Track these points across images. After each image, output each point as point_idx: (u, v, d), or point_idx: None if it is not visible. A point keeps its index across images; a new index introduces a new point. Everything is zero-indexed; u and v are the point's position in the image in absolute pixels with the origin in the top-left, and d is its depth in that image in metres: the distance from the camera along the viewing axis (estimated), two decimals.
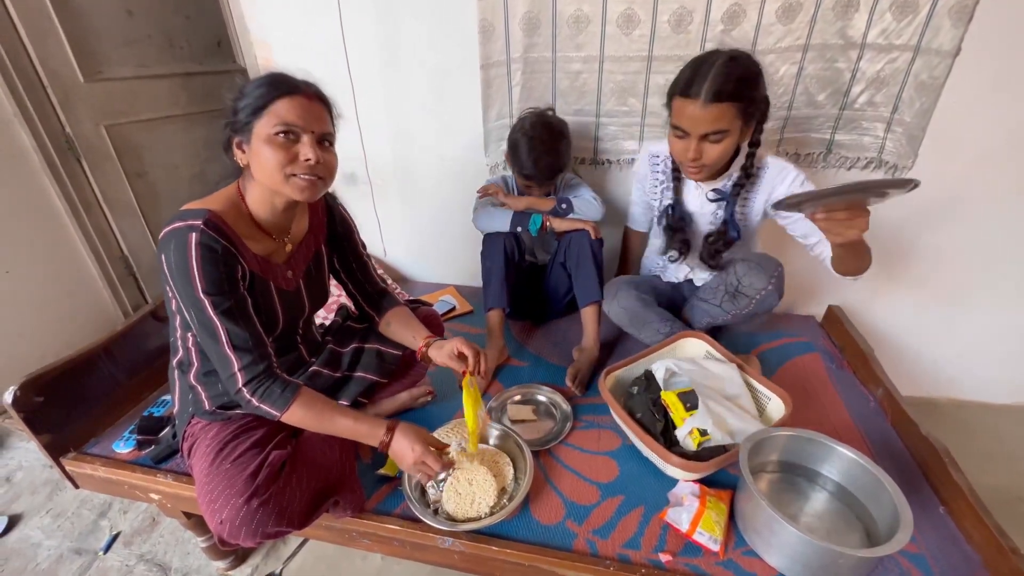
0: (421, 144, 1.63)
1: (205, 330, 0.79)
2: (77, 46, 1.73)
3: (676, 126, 1.03)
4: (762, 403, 1.11)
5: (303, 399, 0.84)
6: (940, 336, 1.62)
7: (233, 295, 0.79)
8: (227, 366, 0.80)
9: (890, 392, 1.18)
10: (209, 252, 0.76)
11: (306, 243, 0.97)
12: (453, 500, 0.95)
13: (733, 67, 0.97)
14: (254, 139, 0.78)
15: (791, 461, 1.00)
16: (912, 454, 1.07)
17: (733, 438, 0.97)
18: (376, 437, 0.88)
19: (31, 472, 1.51)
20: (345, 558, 1.24)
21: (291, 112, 0.77)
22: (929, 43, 1.21)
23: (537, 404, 1.26)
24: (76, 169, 1.81)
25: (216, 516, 0.80)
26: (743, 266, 1.15)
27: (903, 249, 1.50)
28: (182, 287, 0.77)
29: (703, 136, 1.01)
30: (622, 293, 1.29)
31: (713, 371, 1.11)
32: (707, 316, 1.26)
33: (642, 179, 1.32)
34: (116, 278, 1.99)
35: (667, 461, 0.95)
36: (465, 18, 1.37)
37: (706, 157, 1.03)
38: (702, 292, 1.29)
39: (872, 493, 0.88)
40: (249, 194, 0.85)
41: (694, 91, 0.97)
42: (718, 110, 0.97)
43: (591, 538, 0.91)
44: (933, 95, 1.25)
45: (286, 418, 0.84)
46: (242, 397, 0.82)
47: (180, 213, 0.79)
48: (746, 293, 1.14)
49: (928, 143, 1.32)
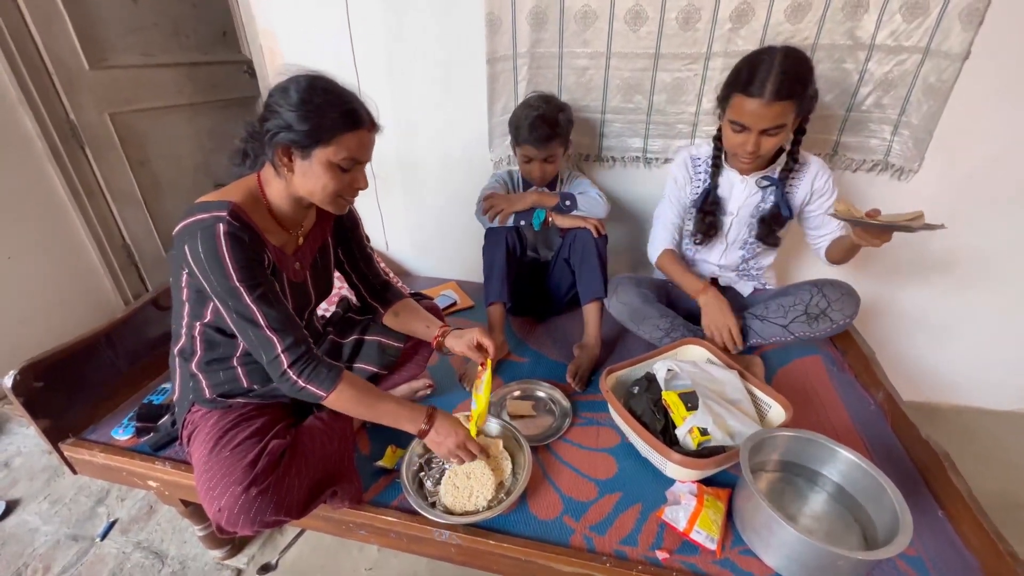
0: (425, 137, 1.63)
1: (243, 317, 0.79)
2: (82, 33, 1.73)
3: (735, 121, 1.10)
4: (763, 410, 1.10)
5: (347, 382, 0.85)
6: (942, 341, 1.62)
7: (265, 281, 0.81)
8: (270, 349, 0.81)
9: (891, 395, 1.18)
10: (238, 242, 0.76)
11: (313, 235, 0.97)
12: (451, 493, 0.95)
13: (793, 65, 1.03)
14: (313, 160, 0.79)
15: (791, 461, 0.99)
16: (912, 458, 1.07)
17: (733, 439, 0.96)
18: (417, 422, 0.91)
19: (30, 458, 1.51)
20: (341, 549, 1.24)
21: (359, 148, 0.81)
22: (939, 45, 1.20)
23: (537, 400, 1.26)
24: (79, 157, 1.81)
25: (215, 504, 0.80)
26: (834, 290, 1.17)
27: (906, 254, 1.50)
28: (216, 277, 0.76)
29: (763, 131, 1.07)
30: (623, 288, 1.32)
31: (715, 375, 1.11)
32: (759, 336, 1.25)
33: (682, 185, 1.31)
34: (118, 266, 1.99)
35: (667, 458, 0.95)
36: (472, 11, 1.36)
37: (762, 149, 1.11)
38: (761, 309, 1.27)
39: (872, 495, 0.88)
40: (270, 188, 0.85)
41: (757, 89, 1.03)
42: (780, 107, 1.04)
43: (588, 534, 0.91)
44: (941, 98, 1.25)
45: (330, 400, 0.84)
46: (287, 378, 0.82)
47: (201, 205, 0.78)
48: (832, 317, 1.17)
49: (935, 146, 1.31)
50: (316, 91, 0.77)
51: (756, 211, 1.28)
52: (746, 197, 1.26)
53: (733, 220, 1.29)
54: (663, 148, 1.48)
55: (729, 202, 1.28)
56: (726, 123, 1.14)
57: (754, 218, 1.28)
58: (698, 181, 1.30)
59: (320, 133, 0.77)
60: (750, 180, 1.24)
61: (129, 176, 1.97)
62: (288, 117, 0.76)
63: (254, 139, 0.84)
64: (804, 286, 1.23)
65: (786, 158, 1.21)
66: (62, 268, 1.82)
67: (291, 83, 0.78)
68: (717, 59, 1.32)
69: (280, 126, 0.77)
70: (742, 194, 1.26)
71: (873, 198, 1.44)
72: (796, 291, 1.23)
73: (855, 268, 1.56)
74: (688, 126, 1.43)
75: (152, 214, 2.08)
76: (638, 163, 1.53)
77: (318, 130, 0.77)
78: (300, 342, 0.83)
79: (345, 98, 0.79)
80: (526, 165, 1.37)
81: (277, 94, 0.78)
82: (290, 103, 0.76)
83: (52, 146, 1.71)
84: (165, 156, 2.10)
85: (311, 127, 0.76)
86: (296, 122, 0.76)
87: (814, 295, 1.20)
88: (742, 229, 1.31)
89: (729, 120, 1.12)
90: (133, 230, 2.02)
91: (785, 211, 1.23)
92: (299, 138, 0.77)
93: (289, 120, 0.76)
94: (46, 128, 1.69)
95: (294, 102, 0.76)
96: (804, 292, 1.21)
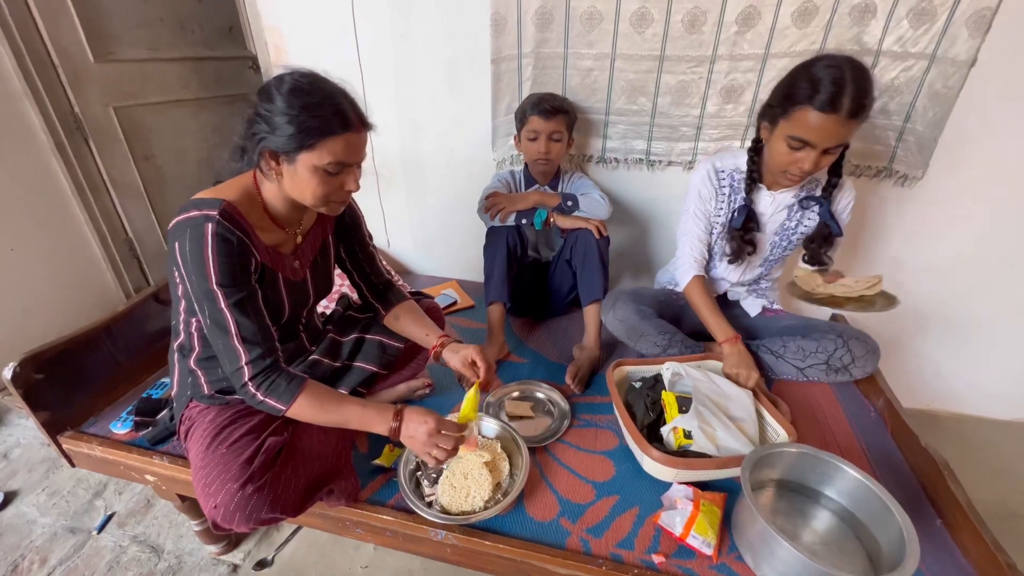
0: (429, 136, 1.63)
1: (215, 322, 0.78)
2: (89, 26, 1.74)
3: (797, 137, 1.00)
4: (768, 436, 1.05)
5: (308, 392, 0.83)
6: (943, 349, 1.61)
7: (245, 287, 0.79)
8: (235, 359, 0.80)
9: (891, 403, 1.17)
10: (225, 244, 0.75)
11: (314, 234, 0.97)
12: (448, 493, 0.95)
13: (865, 79, 0.95)
14: (298, 164, 0.77)
15: (793, 479, 0.97)
16: (911, 466, 1.06)
17: (718, 451, 0.95)
18: (385, 422, 0.86)
19: (28, 449, 1.51)
20: (337, 547, 1.24)
21: (345, 150, 0.77)
22: (945, 52, 1.20)
23: (535, 401, 1.25)
24: (84, 150, 1.81)
25: (211, 500, 0.80)
26: (860, 346, 1.10)
27: (908, 260, 1.49)
28: (196, 277, 0.76)
29: (826, 149, 0.99)
30: (619, 304, 1.27)
31: (724, 389, 1.08)
32: (771, 371, 1.21)
33: (707, 199, 1.23)
34: (120, 260, 1.99)
35: (645, 452, 0.95)
36: (477, 10, 1.36)
37: (820, 167, 1.03)
38: (778, 346, 1.22)
39: (877, 516, 0.85)
40: (266, 188, 0.85)
41: (831, 104, 0.94)
42: (853, 124, 0.96)
43: (584, 536, 0.91)
44: (947, 105, 1.24)
45: (291, 412, 0.83)
46: (247, 391, 0.81)
47: (194, 202, 0.78)
48: (853, 373, 1.11)
49: (940, 153, 1.31)
50: (298, 94, 0.74)
51: (781, 229, 1.22)
52: (772, 213, 1.21)
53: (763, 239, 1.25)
54: (666, 150, 1.48)
55: (762, 219, 1.21)
56: (781, 138, 1.03)
57: (778, 236, 1.23)
58: (722, 195, 1.22)
59: (303, 138, 0.74)
60: (778, 196, 1.19)
61: (133, 170, 1.97)
62: (271, 122, 0.74)
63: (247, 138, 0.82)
64: (829, 335, 1.14)
65: (827, 175, 1.15)
66: (65, 261, 1.82)
67: (273, 86, 0.75)
68: (722, 62, 1.31)
69: (264, 131, 0.75)
70: (769, 210, 1.21)
71: (877, 205, 1.44)
72: (820, 338, 1.14)
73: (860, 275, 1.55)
74: (692, 129, 1.43)
75: (155, 208, 2.08)
76: (641, 165, 1.52)
77: (301, 135, 0.74)
78: (266, 355, 0.81)
79: (331, 99, 0.76)
80: (531, 143, 1.35)
81: (261, 97, 0.76)
82: (272, 108, 0.74)
83: (56, 139, 1.71)
84: (169, 150, 2.10)
85: (293, 132, 0.74)
86: (278, 127, 0.74)
87: (839, 348, 1.12)
88: (764, 247, 1.26)
89: (788, 135, 1.01)
90: (136, 224, 2.02)
91: (836, 229, 1.16)
92: (281, 144, 0.75)
93: (272, 125, 0.74)
94: (51, 121, 1.69)
95: (276, 107, 0.74)
96: (828, 342, 1.13)
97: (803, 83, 0.98)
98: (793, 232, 1.21)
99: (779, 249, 1.25)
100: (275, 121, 0.74)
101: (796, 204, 1.18)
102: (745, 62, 1.29)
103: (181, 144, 2.15)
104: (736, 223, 1.19)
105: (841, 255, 1.52)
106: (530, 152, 1.37)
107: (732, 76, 1.32)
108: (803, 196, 1.17)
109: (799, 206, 1.18)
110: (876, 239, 1.49)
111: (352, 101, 0.79)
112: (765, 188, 1.18)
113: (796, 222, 1.20)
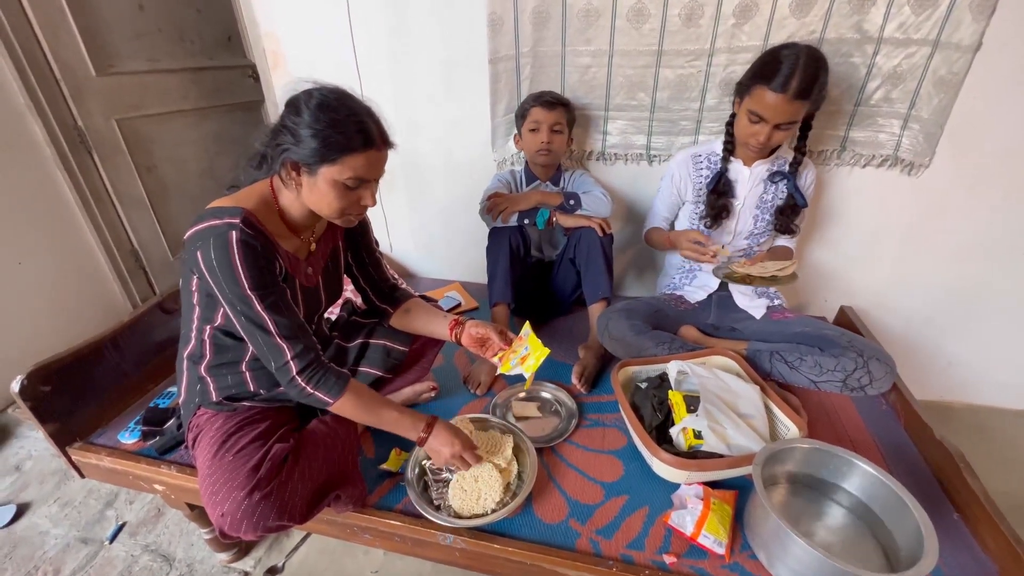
0: (428, 137, 1.62)
1: (253, 324, 0.79)
2: (89, 39, 1.75)
3: (753, 111, 1.13)
4: (779, 431, 1.04)
5: (354, 388, 0.86)
6: (955, 338, 1.58)
7: (276, 288, 0.81)
8: (279, 355, 0.81)
9: (903, 395, 1.16)
10: (250, 249, 0.76)
11: (325, 240, 0.98)
12: (459, 497, 0.94)
13: (815, 65, 1.07)
14: (319, 177, 0.79)
15: (806, 473, 0.95)
16: (925, 459, 1.05)
17: (730, 450, 0.94)
18: (416, 430, 0.91)
19: (40, 461, 1.52)
20: (347, 552, 1.24)
21: (366, 167, 0.80)
22: (949, 37, 1.18)
23: (542, 401, 1.25)
24: (87, 162, 1.82)
25: (217, 509, 0.80)
26: (880, 367, 1.08)
27: (917, 247, 1.47)
28: (228, 284, 0.77)
29: (777, 125, 1.12)
30: (612, 323, 1.25)
31: (731, 386, 1.07)
32: (783, 377, 1.17)
33: (678, 182, 1.35)
34: (126, 270, 2.00)
35: (654, 455, 0.93)
36: (474, 11, 1.35)
37: (772, 141, 1.16)
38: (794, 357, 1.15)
39: (893, 511, 0.84)
40: (284, 196, 0.86)
41: (782, 86, 1.06)
42: (799, 105, 1.09)
43: (594, 538, 0.90)
44: (952, 91, 1.22)
45: (337, 406, 0.85)
46: (295, 385, 0.82)
47: (213, 210, 0.78)
48: (868, 392, 1.10)
49: (946, 140, 1.28)
50: (325, 109, 0.76)
51: (761, 202, 1.30)
52: (751, 187, 1.29)
53: (741, 208, 1.30)
54: (667, 145, 1.46)
55: (737, 188, 1.29)
56: (743, 112, 1.16)
57: (759, 209, 1.30)
58: (699, 177, 1.31)
59: (326, 153, 0.76)
60: (755, 170, 1.27)
61: (136, 181, 1.98)
62: (296, 134, 0.76)
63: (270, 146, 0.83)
64: (849, 352, 1.10)
65: (794, 152, 1.26)
66: (71, 272, 1.84)
67: (302, 99, 0.77)
68: (721, 55, 1.30)
69: (289, 142, 0.77)
70: (747, 183, 1.28)
71: (883, 194, 1.42)
72: (839, 355, 1.10)
73: (867, 267, 1.54)
74: (692, 123, 1.41)
75: (159, 218, 2.10)
76: (642, 160, 1.51)
77: (324, 149, 0.76)
78: (309, 349, 0.83)
79: (356, 117, 0.78)
80: (533, 134, 1.34)
81: (288, 109, 0.79)
82: (299, 120, 0.76)
83: (60, 152, 1.73)
84: (171, 160, 2.12)
85: (317, 146, 0.76)
86: (303, 140, 0.76)
87: (858, 368, 1.09)
88: (748, 219, 1.31)
89: (748, 110, 1.14)
90: (141, 234, 2.04)
91: (800, 200, 1.26)
92: (305, 156, 0.77)
93: (297, 137, 0.76)
94: (54, 134, 1.70)
95: (302, 120, 0.76)
96: (848, 360, 1.09)
97: (764, 65, 1.11)
98: (771, 205, 1.30)
99: (762, 222, 1.31)
100: (300, 134, 0.76)
101: (768, 179, 1.28)
102: (744, 54, 1.28)
103: (182, 154, 2.16)
104: (709, 185, 1.29)
105: (849, 248, 1.52)
106: (532, 144, 1.36)
107: (731, 69, 1.31)
108: (774, 171, 1.27)
109: (769, 180, 1.28)
110: (883, 229, 1.47)
111: (377, 120, 0.81)
112: (741, 162, 1.28)
113: (772, 195, 1.29)
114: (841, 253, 1.54)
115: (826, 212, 1.49)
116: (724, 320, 1.35)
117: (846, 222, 1.48)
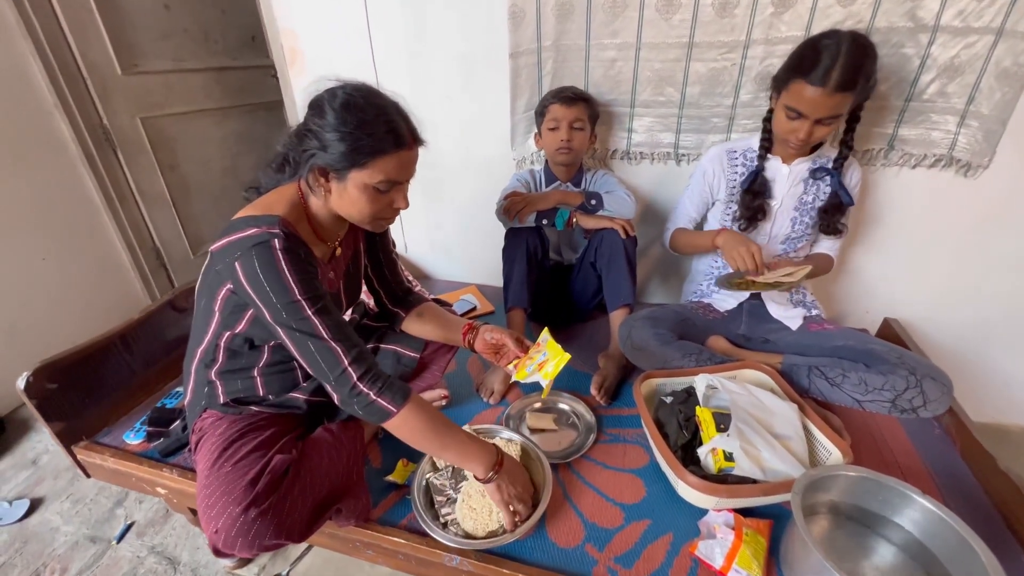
0: (446, 135, 1.58)
1: (303, 332, 0.75)
2: (116, 39, 1.77)
3: (791, 107, 1.05)
4: (819, 456, 0.94)
5: (418, 399, 0.81)
6: (1012, 356, 1.45)
7: (323, 293, 0.78)
8: (335, 362, 0.76)
9: (959, 418, 1.05)
10: (295, 256, 0.74)
11: (346, 243, 0.95)
12: (469, 517, 0.88)
13: (860, 54, 0.97)
14: (349, 182, 0.75)
15: (853, 504, 0.86)
16: (987, 491, 0.94)
17: (764, 474, 0.85)
18: (484, 465, 0.85)
19: (56, 456, 1.53)
20: (353, 563, 1.19)
21: (397, 169, 0.76)
22: (1015, 25, 1.07)
23: (559, 413, 1.18)
24: (112, 160, 1.84)
25: (212, 524, 0.75)
26: (935, 387, 0.97)
27: (973, 256, 1.35)
28: (276, 294, 0.73)
29: (818, 120, 1.03)
30: (635, 331, 1.17)
31: (766, 403, 0.98)
32: (821, 394, 1.08)
33: (711, 178, 1.26)
34: (147, 268, 2.02)
35: (680, 478, 0.85)
36: (494, 4, 1.31)
37: (814, 138, 1.07)
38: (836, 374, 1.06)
39: (953, 551, 0.74)
40: (312, 202, 0.82)
41: (819, 78, 0.98)
42: (840, 98, 0.99)
43: (612, 566, 0.83)
44: (1017, 85, 1.11)
45: (399, 419, 0.78)
46: (357, 393, 0.76)
47: (247, 219, 0.75)
48: (920, 415, 0.99)
49: (1008, 139, 1.17)
50: (351, 109, 0.72)
51: (800, 204, 1.20)
52: (789, 187, 1.19)
53: (778, 210, 1.21)
54: (696, 144, 1.38)
55: (775, 187, 1.20)
56: (780, 107, 1.08)
57: (798, 211, 1.21)
58: (733, 174, 1.22)
59: (355, 157, 0.73)
60: (795, 169, 1.18)
61: (159, 179, 2.00)
62: (322, 138, 0.72)
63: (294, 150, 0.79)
64: (899, 370, 1.00)
65: (840, 147, 1.15)
66: (93, 269, 1.86)
67: (326, 100, 0.73)
68: (757, 47, 1.21)
69: (315, 147, 0.73)
70: (786, 183, 1.19)
71: (934, 197, 1.30)
72: (888, 372, 1.00)
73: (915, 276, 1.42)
74: (724, 120, 1.33)
75: (181, 216, 2.11)
76: (669, 160, 1.43)
77: (353, 154, 0.72)
78: (365, 354, 0.78)
79: (385, 116, 0.74)
80: (552, 132, 1.28)
81: (312, 111, 0.74)
82: (324, 123, 0.72)
83: (86, 150, 1.75)
84: (194, 159, 2.14)
85: (345, 151, 0.72)
86: (330, 144, 0.72)
87: (910, 387, 0.98)
88: (785, 222, 1.22)
89: (785, 105, 1.06)
90: (163, 232, 2.06)
91: (846, 198, 1.16)
92: (332, 161, 0.73)
93: (323, 142, 0.72)
94: (80, 132, 1.73)
95: (327, 122, 0.72)
96: (898, 379, 0.98)
97: (802, 57, 1.02)
98: (811, 207, 1.20)
99: (800, 225, 1.22)
100: (326, 138, 0.72)
101: (810, 177, 1.19)
102: (783, 46, 1.19)
103: (205, 153, 2.18)
104: (744, 184, 1.20)
105: (896, 256, 1.41)
106: (551, 142, 1.30)
107: (768, 62, 1.22)
108: (815, 168, 1.18)
109: (812, 178, 1.18)
110: (934, 235, 1.35)
111: (405, 116, 0.77)
112: (779, 159, 1.19)
113: (813, 196, 1.20)
114: (886, 261, 1.43)
115: (870, 216, 1.38)
116: (756, 331, 1.25)
117: (892, 227, 1.37)
